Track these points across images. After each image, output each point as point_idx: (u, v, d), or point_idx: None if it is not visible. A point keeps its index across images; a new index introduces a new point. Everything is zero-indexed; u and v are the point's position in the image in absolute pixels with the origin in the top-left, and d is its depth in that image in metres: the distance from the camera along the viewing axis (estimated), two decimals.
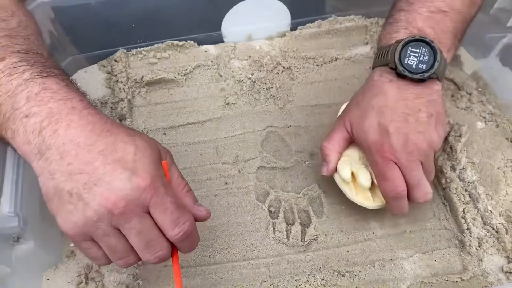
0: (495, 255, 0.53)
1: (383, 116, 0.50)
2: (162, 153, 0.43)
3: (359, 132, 0.52)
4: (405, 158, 0.49)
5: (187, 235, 0.40)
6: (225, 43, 0.72)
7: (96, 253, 0.41)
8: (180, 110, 0.67)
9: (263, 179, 0.62)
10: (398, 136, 0.49)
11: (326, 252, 0.55)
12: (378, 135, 0.50)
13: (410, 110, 0.49)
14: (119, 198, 0.38)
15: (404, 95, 0.50)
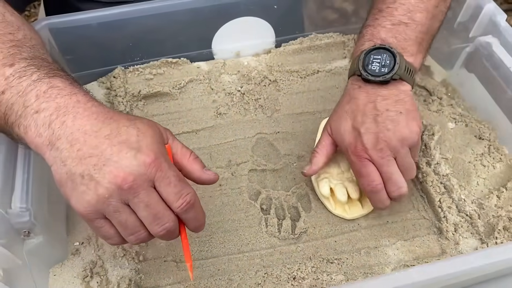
0: (470, 238, 0.58)
1: (355, 120, 0.56)
2: (162, 132, 0.48)
3: (337, 136, 0.58)
4: (376, 155, 0.54)
5: (190, 205, 0.45)
6: (215, 60, 0.78)
7: (109, 231, 0.45)
8: (175, 121, 0.72)
9: (255, 180, 0.66)
10: (368, 136, 0.55)
11: (315, 243, 0.60)
12: (352, 137, 0.56)
13: (379, 111, 0.55)
14: (127, 173, 0.42)
15: (372, 98, 0.56)
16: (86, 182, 0.42)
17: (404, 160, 0.56)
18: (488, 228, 0.58)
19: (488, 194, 0.61)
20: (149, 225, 0.45)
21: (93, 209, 0.42)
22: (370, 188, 0.56)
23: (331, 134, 0.59)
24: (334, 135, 0.59)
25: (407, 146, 0.55)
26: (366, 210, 0.62)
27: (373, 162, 0.55)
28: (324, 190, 0.61)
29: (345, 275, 0.56)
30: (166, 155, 0.45)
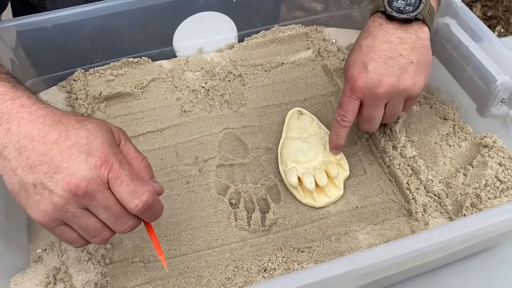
0: (439, 217, 0.58)
1: (367, 55, 0.55)
2: (114, 131, 0.46)
3: (344, 67, 0.58)
4: (370, 98, 0.55)
5: (147, 205, 0.43)
6: (178, 57, 0.77)
7: (71, 236, 0.43)
8: (139, 121, 0.70)
9: (223, 176, 0.65)
10: (373, 74, 0.54)
11: (285, 233, 0.59)
12: (357, 70, 0.55)
13: (392, 54, 0.55)
14: (79, 179, 0.41)
15: (390, 38, 0.56)
16: (39, 191, 0.40)
17: (393, 109, 0.57)
18: (456, 206, 0.58)
19: (455, 173, 0.61)
20: (112, 225, 0.44)
21: (51, 217, 0.41)
22: (338, 120, 0.58)
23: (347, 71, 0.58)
24: (344, 67, 0.59)
25: (404, 97, 0.56)
26: (335, 197, 0.61)
27: (362, 100, 0.56)
28: (291, 179, 0.60)
29: (316, 262, 0.55)
30: (118, 153, 0.44)
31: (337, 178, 0.62)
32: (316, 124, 0.68)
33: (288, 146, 0.64)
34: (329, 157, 0.63)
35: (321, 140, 0.65)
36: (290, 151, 0.64)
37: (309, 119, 0.68)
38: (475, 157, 0.62)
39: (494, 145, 0.61)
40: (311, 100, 0.73)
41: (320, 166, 0.62)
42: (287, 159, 0.63)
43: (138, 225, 0.46)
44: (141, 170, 0.46)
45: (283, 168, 0.63)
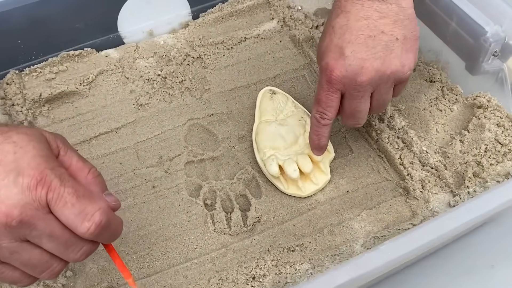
0: (440, 193, 0.52)
1: (342, 37, 0.46)
2: (50, 140, 0.37)
3: (317, 55, 0.50)
4: (352, 88, 0.46)
5: (101, 227, 0.34)
6: (126, 44, 0.67)
7: (13, 275, 0.35)
8: (89, 122, 0.61)
9: (193, 174, 0.57)
10: (352, 61, 0.45)
11: (272, 232, 0.52)
12: (333, 58, 0.46)
13: (372, 32, 0.46)
14: (10, 207, 0.32)
15: (366, 13, 0.46)
16: None
17: (381, 97, 0.49)
18: (457, 177, 0.52)
19: (451, 141, 0.55)
20: (62, 255, 0.36)
21: None
22: (317, 118, 0.49)
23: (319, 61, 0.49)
24: (316, 56, 0.50)
25: (393, 82, 0.47)
26: (322, 183, 0.54)
27: (343, 92, 0.47)
28: (272, 169, 0.53)
29: (311, 262, 0.49)
30: (57, 167, 0.35)
31: (322, 162, 0.55)
32: (291, 104, 0.60)
33: (264, 131, 0.57)
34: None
35: (299, 121, 0.57)
36: (267, 137, 0.56)
37: (283, 98, 0.60)
38: (470, 120, 0.55)
39: (489, 105, 0.55)
40: (282, 77, 0.65)
41: (302, 150, 0.55)
42: (264, 146, 0.56)
43: (95, 249, 0.37)
44: (89, 183, 0.38)
45: (261, 157, 0.56)
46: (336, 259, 0.48)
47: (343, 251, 0.49)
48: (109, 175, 0.57)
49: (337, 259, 0.48)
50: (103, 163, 0.58)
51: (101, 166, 0.58)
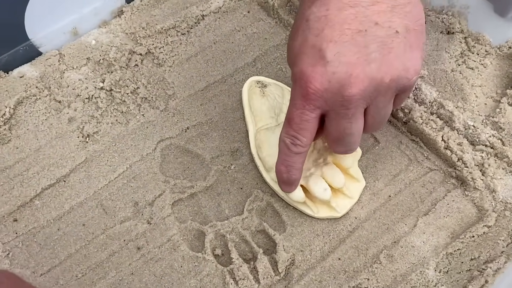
0: (506, 176, 0.42)
1: (321, 34, 0.32)
2: None
3: (288, 58, 0.35)
4: (339, 105, 0.33)
5: None
6: (44, 54, 0.49)
7: None
8: (22, 177, 0.44)
9: (187, 217, 0.43)
10: (337, 67, 0.31)
11: (314, 275, 0.39)
12: (309, 64, 0.32)
13: (362, 24, 0.31)
14: None
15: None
16: None
17: (378, 113, 0.35)
18: None
19: (497, 105, 0.44)
20: None
21: None
22: (287, 144, 0.36)
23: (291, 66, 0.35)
24: (288, 60, 0.36)
25: (394, 92, 0.34)
26: (357, 194, 0.42)
27: (326, 111, 0.34)
28: (296, 196, 0.40)
29: None
30: None
31: (353, 166, 0.42)
32: (288, 94, 0.46)
33: (267, 143, 0.43)
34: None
35: None
36: (274, 151, 0.42)
37: (277, 90, 0.46)
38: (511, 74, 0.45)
39: None
40: (263, 59, 0.51)
41: (325, 157, 0.42)
42: (274, 163, 0.42)
43: None
44: None
45: (272, 178, 0.42)
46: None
47: (415, 283, 0.38)
48: (73, 247, 0.41)
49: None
50: (59, 230, 0.42)
51: (57, 236, 0.41)
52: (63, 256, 0.41)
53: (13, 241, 0.41)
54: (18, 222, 0.42)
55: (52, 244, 0.41)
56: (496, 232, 0.39)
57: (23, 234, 0.41)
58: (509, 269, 0.37)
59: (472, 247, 0.39)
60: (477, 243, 0.39)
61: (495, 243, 0.39)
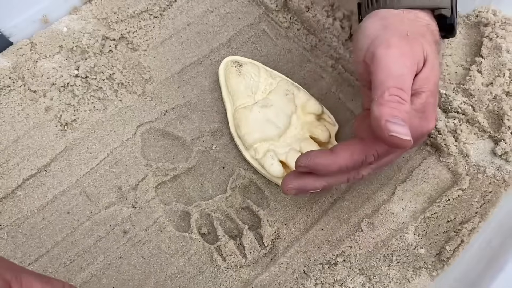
0: (477, 141, 0.43)
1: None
2: None
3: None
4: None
5: None
6: (15, 44, 0.48)
7: None
8: (2, 169, 0.43)
9: (171, 199, 0.43)
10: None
11: (299, 246, 0.41)
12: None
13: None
14: None
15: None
16: None
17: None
18: (492, 117, 0.43)
19: (467, 73, 0.46)
20: None
21: None
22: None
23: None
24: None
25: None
26: None
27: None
28: (274, 170, 0.41)
29: (363, 273, 0.39)
30: None
31: (330, 141, 0.43)
32: (265, 73, 0.47)
33: (245, 121, 0.43)
34: (307, 114, 0.44)
35: (286, 96, 0.44)
36: (253, 128, 0.43)
37: (253, 68, 0.47)
38: (481, 44, 0.46)
39: (496, 19, 0.46)
40: (237, 39, 0.51)
41: (303, 133, 0.43)
42: (253, 141, 0.43)
43: None
44: None
45: (253, 156, 0.43)
46: (393, 261, 0.39)
47: (396, 247, 0.39)
48: (59, 235, 0.41)
49: (394, 261, 0.39)
50: (43, 220, 0.42)
51: (42, 226, 0.42)
52: (49, 244, 0.41)
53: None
54: (1, 214, 0.42)
55: (37, 234, 0.41)
56: (470, 194, 0.41)
57: (7, 225, 0.41)
58: (483, 228, 0.38)
59: (448, 210, 0.40)
60: (453, 206, 0.40)
61: (470, 205, 0.40)
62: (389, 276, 0.38)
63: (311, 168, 0.34)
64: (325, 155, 0.34)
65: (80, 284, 0.40)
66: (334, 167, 0.34)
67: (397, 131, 0.30)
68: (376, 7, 0.37)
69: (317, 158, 0.34)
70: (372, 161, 0.34)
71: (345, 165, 0.34)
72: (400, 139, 0.30)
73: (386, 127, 0.30)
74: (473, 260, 0.36)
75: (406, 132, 0.30)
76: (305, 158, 0.35)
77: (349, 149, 0.34)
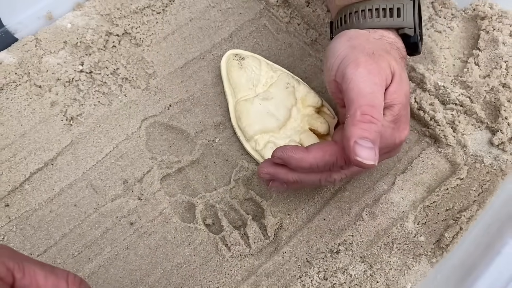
0: (475, 132, 0.44)
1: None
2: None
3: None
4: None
5: None
6: (20, 40, 0.48)
7: None
8: (10, 163, 0.44)
9: (176, 190, 0.44)
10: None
11: (301, 235, 0.42)
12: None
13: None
14: None
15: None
16: None
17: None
18: (489, 109, 0.44)
19: (464, 66, 0.47)
20: None
21: None
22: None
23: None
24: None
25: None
26: None
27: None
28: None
29: (364, 260, 0.40)
30: None
31: (329, 133, 0.44)
32: (266, 66, 0.47)
33: (246, 113, 0.44)
34: (306, 107, 0.45)
35: (287, 89, 0.45)
36: (253, 120, 0.44)
37: (255, 62, 0.47)
38: (478, 37, 0.47)
39: (493, 13, 0.47)
40: (239, 34, 0.51)
41: (303, 125, 0.44)
42: (254, 132, 0.44)
43: None
44: None
45: (253, 147, 0.44)
46: (394, 249, 0.40)
47: (396, 236, 0.40)
48: (66, 227, 0.42)
49: (395, 249, 0.40)
50: (51, 212, 0.43)
51: (50, 218, 0.42)
52: (57, 236, 0.42)
53: (7, 226, 0.42)
54: (10, 207, 0.43)
55: (45, 226, 0.42)
56: (468, 183, 0.42)
57: (16, 218, 0.42)
58: (481, 216, 0.39)
59: (446, 199, 0.41)
60: (451, 194, 0.42)
61: (468, 194, 0.41)
62: (390, 263, 0.39)
63: (284, 160, 0.36)
64: (299, 151, 0.36)
65: (88, 274, 0.41)
66: (305, 164, 0.35)
67: (362, 156, 0.32)
68: (345, 27, 0.39)
69: (290, 152, 0.36)
70: (343, 165, 0.36)
71: (316, 164, 0.35)
72: (363, 164, 0.32)
73: (354, 150, 0.32)
74: (472, 246, 0.38)
75: (370, 157, 0.32)
76: (280, 150, 0.36)
77: (322, 149, 0.35)
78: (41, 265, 0.27)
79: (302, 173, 0.37)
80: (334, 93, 0.38)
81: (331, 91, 0.39)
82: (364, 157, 0.32)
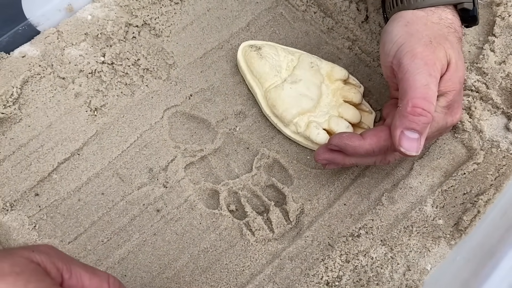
0: (491, 117, 0.45)
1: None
2: (47, 266, 0.27)
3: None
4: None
5: None
6: (42, 33, 0.49)
7: None
8: (38, 153, 0.45)
9: (200, 178, 0.45)
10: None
11: (323, 220, 0.43)
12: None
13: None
14: None
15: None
16: None
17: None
18: (505, 94, 0.45)
19: (480, 52, 0.47)
20: None
21: None
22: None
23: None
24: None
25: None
26: (372, 124, 0.47)
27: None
28: (321, 138, 0.43)
29: (385, 243, 0.41)
30: None
31: (363, 102, 0.46)
32: (282, 51, 0.48)
33: (280, 99, 0.45)
34: (334, 82, 0.46)
35: (312, 68, 0.46)
36: (289, 104, 0.45)
37: (272, 49, 0.48)
38: (494, 23, 0.48)
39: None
40: (256, 23, 0.52)
41: (336, 99, 0.45)
42: (291, 116, 0.44)
43: None
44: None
45: (294, 131, 0.45)
46: (413, 232, 0.41)
47: (415, 219, 0.42)
48: (95, 214, 0.44)
49: (414, 232, 0.41)
50: (79, 201, 0.44)
51: (79, 207, 0.44)
52: (87, 224, 0.43)
53: (38, 214, 0.43)
54: (39, 196, 0.44)
55: (75, 214, 0.44)
56: (484, 168, 0.43)
57: (46, 207, 0.44)
58: (498, 199, 0.41)
59: (464, 183, 0.43)
60: (468, 179, 0.43)
61: (484, 178, 0.42)
62: (410, 246, 0.41)
63: (341, 148, 0.37)
64: (355, 139, 0.37)
65: (118, 260, 0.42)
66: (361, 150, 0.36)
67: (405, 146, 0.34)
68: (401, 7, 0.39)
69: (347, 140, 0.37)
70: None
71: (372, 150, 0.36)
72: (405, 154, 0.34)
73: (399, 140, 0.34)
74: (489, 229, 0.39)
75: (413, 148, 0.34)
76: (337, 138, 0.37)
77: (376, 135, 0.36)
78: (85, 267, 0.28)
79: (358, 157, 0.38)
80: (389, 77, 0.39)
81: (386, 75, 0.39)
82: (407, 148, 0.34)
